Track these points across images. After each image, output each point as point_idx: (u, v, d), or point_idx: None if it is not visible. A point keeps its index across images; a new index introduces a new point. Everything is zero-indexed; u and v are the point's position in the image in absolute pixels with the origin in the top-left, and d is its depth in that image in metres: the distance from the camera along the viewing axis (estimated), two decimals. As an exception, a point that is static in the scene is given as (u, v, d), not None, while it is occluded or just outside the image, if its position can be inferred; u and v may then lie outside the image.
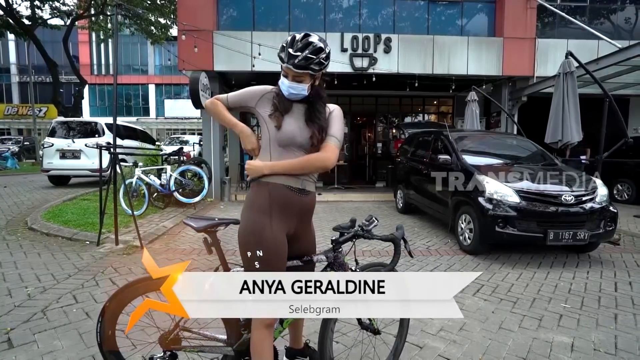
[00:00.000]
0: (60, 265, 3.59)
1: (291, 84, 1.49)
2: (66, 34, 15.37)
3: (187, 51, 7.79)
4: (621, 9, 9.55)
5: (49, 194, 7.55)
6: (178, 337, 1.64)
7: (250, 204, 1.51)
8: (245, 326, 1.61)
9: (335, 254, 1.61)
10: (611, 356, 2.20)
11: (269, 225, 1.46)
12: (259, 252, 1.43)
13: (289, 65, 1.46)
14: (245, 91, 1.60)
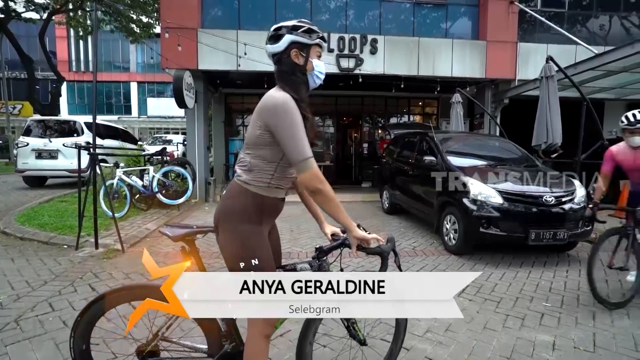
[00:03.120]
0: (35, 271, 3.45)
1: (321, 64, 1.43)
2: (42, 29, 14.81)
3: (171, 49, 7.63)
4: (596, 17, 9.88)
5: (24, 196, 7.26)
6: (157, 347, 1.58)
7: (236, 214, 1.40)
8: (225, 336, 1.57)
9: (320, 263, 1.55)
10: (590, 353, 2.26)
11: (259, 234, 1.43)
12: (254, 261, 1.38)
13: (323, 41, 1.43)
14: (300, 127, 1.32)
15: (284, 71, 1.40)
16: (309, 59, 1.40)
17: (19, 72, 26.49)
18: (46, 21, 14.99)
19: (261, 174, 1.40)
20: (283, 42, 1.38)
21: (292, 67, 1.40)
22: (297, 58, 1.40)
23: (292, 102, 1.33)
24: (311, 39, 1.39)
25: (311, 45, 1.40)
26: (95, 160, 4.23)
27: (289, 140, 1.30)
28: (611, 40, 9.66)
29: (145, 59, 30.72)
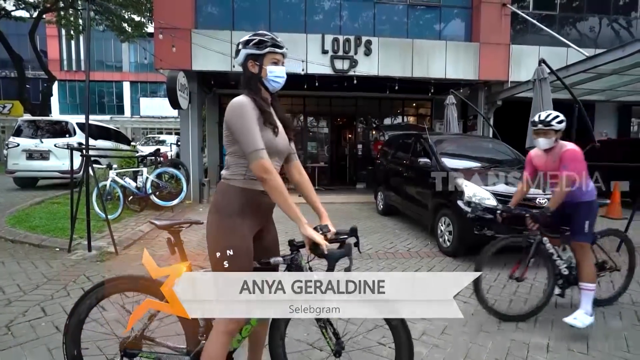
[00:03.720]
0: (27, 274, 3.40)
1: (282, 70, 1.58)
2: (32, 28, 14.60)
3: (164, 50, 7.57)
4: (586, 19, 10.02)
5: (15, 197, 7.15)
6: (139, 343, 1.66)
7: (220, 208, 1.52)
8: (204, 333, 1.62)
9: (292, 256, 1.58)
10: (583, 355, 2.29)
11: (240, 226, 1.50)
12: (229, 252, 1.46)
13: (282, 50, 1.57)
14: (250, 122, 1.46)
15: (244, 80, 1.58)
16: (263, 67, 1.55)
17: (9, 71, 26.09)
18: (36, 20, 14.78)
19: (236, 168, 1.54)
20: (240, 56, 1.56)
21: (249, 76, 1.57)
22: (253, 68, 1.56)
23: (248, 102, 1.48)
24: (261, 50, 1.53)
25: (263, 55, 1.54)
26: (88, 162, 4.16)
27: (240, 134, 1.45)
28: (601, 42, 9.82)
29: (138, 59, 30.46)
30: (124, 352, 1.65)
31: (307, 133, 11.72)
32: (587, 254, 2.60)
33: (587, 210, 2.57)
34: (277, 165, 1.59)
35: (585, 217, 2.56)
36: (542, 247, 2.71)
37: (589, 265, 2.59)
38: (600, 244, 2.89)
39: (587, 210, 2.57)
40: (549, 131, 2.55)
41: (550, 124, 2.54)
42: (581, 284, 2.57)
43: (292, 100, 11.29)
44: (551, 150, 2.63)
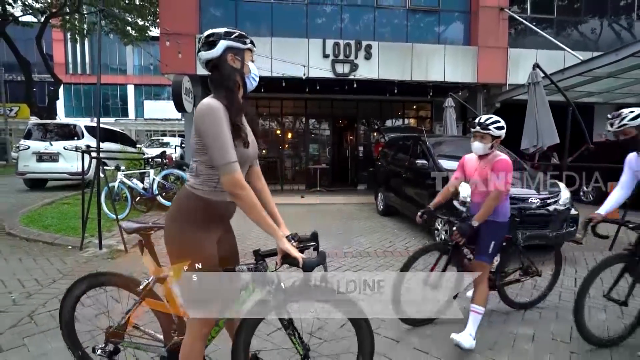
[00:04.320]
0: (43, 270, 3.59)
1: (255, 67, 1.50)
2: (39, 33, 14.91)
3: (170, 55, 7.79)
4: (585, 22, 10.15)
5: (26, 198, 7.37)
6: (123, 332, 1.78)
7: (184, 218, 1.44)
8: (176, 330, 1.70)
9: (257, 265, 1.50)
10: (566, 344, 2.45)
11: (206, 239, 1.46)
12: (197, 265, 1.42)
13: (253, 45, 1.49)
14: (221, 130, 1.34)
15: (221, 76, 1.43)
16: (245, 63, 1.46)
17: (15, 74, 26.50)
18: (43, 24, 15.09)
19: (208, 177, 1.43)
20: (218, 47, 1.41)
21: (230, 71, 1.43)
22: (234, 62, 1.44)
23: (218, 107, 1.35)
24: (244, 45, 1.45)
25: (244, 49, 1.46)
26: (99, 164, 4.36)
27: (212, 144, 1.33)
28: (602, 44, 9.94)
29: (142, 62, 30.81)
30: (108, 341, 1.78)
31: (308, 135, 11.90)
32: (484, 275, 2.46)
33: (496, 231, 2.46)
34: (246, 169, 1.55)
35: (493, 237, 2.45)
36: (459, 252, 2.61)
37: (483, 287, 2.45)
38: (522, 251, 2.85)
39: (496, 231, 2.46)
40: (486, 135, 2.45)
41: (487, 128, 2.43)
42: (472, 306, 2.41)
43: (294, 102, 11.48)
44: (484, 157, 2.53)
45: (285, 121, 11.98)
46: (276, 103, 11.48)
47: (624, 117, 2.28)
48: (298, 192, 9.86)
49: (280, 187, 10.22)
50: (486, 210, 2.37)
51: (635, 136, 2.27)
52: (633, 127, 2.26)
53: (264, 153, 11.85)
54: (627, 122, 2.27)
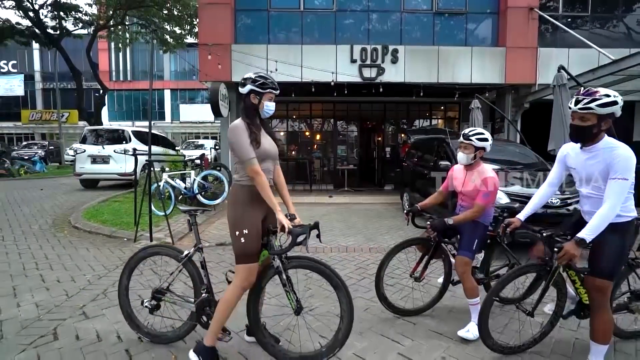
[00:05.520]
0: (107, 257, 4.18)
1: (273, 105, 2.17)
2: (89, 44, 16.23)
3: (208, 64, 8.40)
4: (621, 18, 9.79)
5: (83, 196, 8.24)
6: (165, 291, 2.39)
7: (236, 201, 2.10)
8: (204, 288, 2.27)
9: (268, 238, 2.15)
10: (565, 329, 2.64)
11: (250, 214, 2.08)
12: (245, 231, 2.03)
13: (277, 92, 2.14)
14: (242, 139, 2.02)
15: (245, 107, 2.12)
16: (262, 101, 2.10)
17: (66, 83, 28.80)
18: (93, 36, 16.41)
19: (243, 172, 2.08)
20: (246, 88, 2.09)
21: (250, 105, 2.10)
22: (254, 100, 2.09)
23: (241, 124, 2.04)
24: (264, 90, 2.07)
25: (264, 93, 2.08)
26: (151, 166, 4.93)
27: (236, 148, 2.03)
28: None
29: (178, 67, 32.42)
30: (153, 298, 2.37)
31: (336, 137, 12.25)
32: (468, 270, 2.61)
33: (478, 229, 2.65)
34: (272, 165, 2.20)
35: (475, 234, 2.63)
36: (441, 249, 2.85)
37: (469, 280, 2.60)
38: None
39: (478, 229, 2.65)
40: (469, 145, 2.63)
41: (469, 139, 2.62)
42: (468, 301, 2.61)
43: (323, 105, 11.87)
44: (471, 169, 2.72)
45: (314, 123, 12.39)
46: (305, 106, 11.91)
47: (593, 100, 1.87)
48: (326, 192, 10.23)
49: (310, 187, 10.62)
50: (465, 218, 2.61)
51: (590, 127, 1.92)
52: (595, 114, 1.89)
53: (294, 154, 12.33)
54: (594, 106, 1.87)
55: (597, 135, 1.95)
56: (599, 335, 2.06)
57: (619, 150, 1.89)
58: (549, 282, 2.21)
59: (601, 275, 2.00)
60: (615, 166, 1.88)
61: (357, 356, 2.30)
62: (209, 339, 2.10)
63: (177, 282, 2.80)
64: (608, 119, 1.91)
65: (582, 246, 1.91)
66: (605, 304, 2.04)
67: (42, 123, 31.05)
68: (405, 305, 2.96)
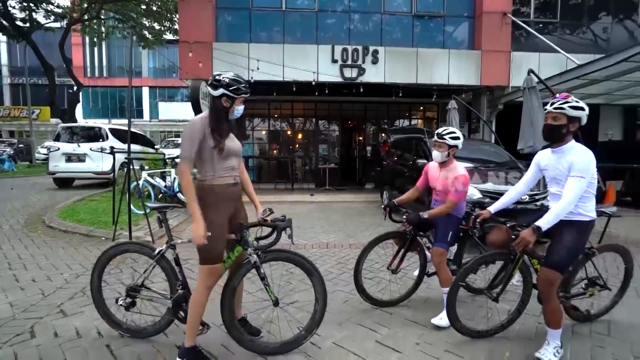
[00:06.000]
0: (84, 257, 4.11)
1: (242, 107, 2.12)
2: (62, 39, 15.65)
3: (189, 62, 8.32)
4: (588, 25, 10.31)
5: (57, 195, 7.99)
6: (140, 288, 2.38)
7: (202, 201, 2.01)
8: (180, 284, 2.28)
9: (242, 234, 2.14)
10: (536, 317, 2.82)
11: (214, 213, 2.03)
12: (208, 233, 1.97)
13: (246, 94, 2.08)
14: (190, 140, 1.97)
15: (214, 107, 2.06)
16: (233, 105, 2.05)
17: (37, 78, 27.64)
18: (66, 30, 15.82)
19: (205, 170, 2.05)
20: (218, 91, 2.01)
21: (220, 107, 2.04)
22: (226, 103, 2.04)
23: (199, 124, 1.98)
24: (237, 95, 2.03)
25: (236, 98, 2.04)
26: (130, 164, 4.87)
27: (182, 143, 2.00)
28: (610, 46, 10.05)
29: (157, 64, 31.70)
30: (128, 295, 2.36)
31: (318, 136, 12.34)
32: (443, 260, 2.75)
33: (452, 222, 2.80)
34: (236, 162, 2.15)
35: (449, 227, 2.79)
36: (416, 242, 2.99)
37: (444, 271, 2.75)
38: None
39: (452, 222, 2.80)
40: (443, 144, 2.78)
41: (443, 137, 2.77)
42: (443, 289, 2.73)
43: (304, 105, 11.94)
44: (445, 166, 2.87)
45: (295, 123, 12.45)
46: (287, 105, 11.95)
47: (567, 102, 2.11)
48: (308, 190, 10.30)
49: (291, 186, 10.67)
50: (439, 212, 2.74)
51: (561, 126, 2.13)
52: (566, 115, 2.11)
53: (275, 154, 12.34)
54: (566, 107, 2.10)
55: (565, 135, 2.15)
56: (551, 321, 2.25)
57: (580, 152, 2.11)
58: (512, 269, 2.39)
59: (552, 266, 2.18)
60: (575, 165, 2.08)
61: (336, 345, 2.39)
62: (189, 339, 2.11)
63: (157, 278, 2.82)
64: (576, 122, 2.13)
65: (537, 233, 2.08)
66: (552, 294, 2.21)
67: (11, 120, 29.66)
68: (382, 296, 3.08)
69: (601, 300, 2.87)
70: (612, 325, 2.74)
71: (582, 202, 2.16)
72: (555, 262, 2.17)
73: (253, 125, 12.36)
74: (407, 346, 2.39)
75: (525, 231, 2.11)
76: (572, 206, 2.08)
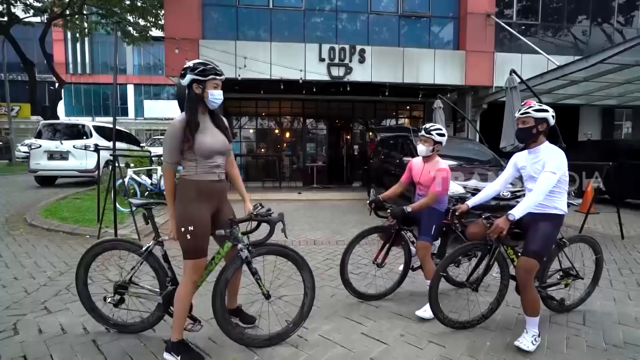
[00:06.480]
0: (68, 254, 4.05)
1: (220, 92, 2.04)
2: (43, 34, 15.25)
3: (175, 59, 8.23)
4: (568, 27, 10.62)
5: (39, 194, 7.81)
6: (128, 285, 2.34)
7: (182, 197, 2.04)
8: (170, 281, 2.28)
9: (231, 230, 2.13)
10: (508, 307, 2.93)
11: (197, 209, 2.02)
12: (190, 227, 1.98)
13: (221, 77, 2.04)
14: (171, 141, 1.98)
15: (187, 99, 2.00)
16: (206, 90, 1.99)
17: (16, 74, 26.81)
18: (46, 26, 15.42)
19: (188, 167, 2.04)
20: (187, 79, 1.98)
21: (193, 96, 1.99)
22: (197, 89, 1.98)
23: (177, 124, 1.96)
24: (205, 76, 1.96)
25: (206, 80, 1.97)
26: (115, 161, 4.81)
27: (163, 147, 2.04)
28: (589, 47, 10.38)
29: (142, 62, 31.15)
30: (116, 293, 2.32)
31: (306, 135, 12.37)
32: (428, 254, 2.85)
33: (435, 216, 2.88)
34: (221, 160, 2.12)
35: (433, 221, 2.86)
36: (401, 236, 3.06)
37: (429, 264, 2.84)
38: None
39: (435, 216, 2.88)
40: (429, 139, 2.88)
41: (430, 133, 2.87)
42: (427, 281, 2.79)
43: (292, 103, 11.95)
44: (428, 161, 2.97)
45: (283, 121, 12.44)
46: (275, 104, 11.94)
47: (531, 107, 2.33)
48: (296, 188, 10.33)
49: (279, 184, 10.68)
50: (422, 205, 2.82)
51: (530, 128, 2.32)
52: (532, 117, 2.31)
53: (263, 152, 12.31)
54: (531, 111, 2.31)
55: (537, 135, 2.35)
56: (528, 309, 2.37)
57: (553, 151, 2.32)
58: (490, 259, 2.51)
59: (530, 255, 2.31)
60: (547, 162, 2.28)
61: (323, 337, 2.44)
62: (175, 334, 2.10)
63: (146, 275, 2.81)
64: (543, 123, 2.33)
65: (510, 220, 2.23)
66: (530, 282, 2.33)
67: (-12, 117, 28.69)
68: (368, 290, 3.14)
69: (577, 291, 3.00)
70: (587, 314, 2.86)
71: (556, 197, 2.34)
72: (534, 251, 2.30)
73: (241, 124, 12.30)
74: (391, 338, 2.46)
75: (499, 219, 2.28)
76: (541, 198, 2.24)
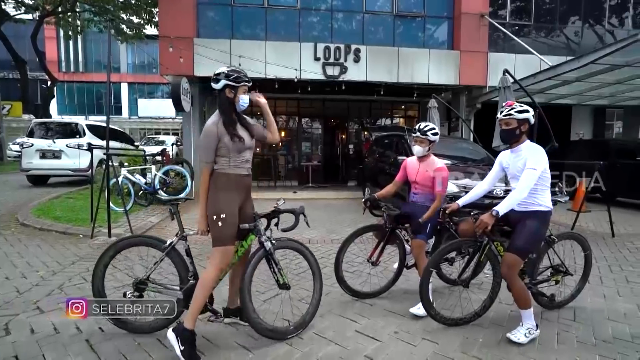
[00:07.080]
0: (61, 254, 4.02)
1: (247, 97, 2.25)
2: (34, 31, 15.06)
3: (169, 58, 8.18)
4: (560, 28, 10.73)
5: (31, 193, 7.73)
6: (146, 282, 2.35)
7: (216, 186, 2.19)
8: (192, 275, 2.34)
9: (255, 223, 2.31)
10: (507, 305, 2.96)
11: (228, 198, 2.19)
12: (222, 215, 2.14)
13: (247, 82, 2.24)
14: (208, 140, 2.16)
15: (220, 102, 2.21)
16: (237, 95, 2.20)
17: (6, 72, 26.47)
18: (38, 23, 15.23)
19: (222, 161, 2.21)
20: (220, 84, 2.17)
21: (225, 100, 2.20)
22: (230, 94, 2.19)
23: (212, 126, 2.14)
24: (238, 83, 2.17)
25: (238, 86, 2.19)
26: (109, 160, 4.78)
27: (200, 149, 2.23)
28: (582, 48, 10.49)
29: (136, 60, 30.90)
30: (135, 289, 2.33)
31: (301, 134, 12.36)
32: (423, 252, 2.89)
33: (433, 216, 2.85)
34: (250, 154, 2.32)
35: (430, 221, 2.86)
36: (395, 235, 3.08)
37: (423, 261, 2.86)
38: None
39: (433, 216, 2.85)
40: (424, 140, 2.90)
41: (425, 134, 2.89)
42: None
43: (287, 102, 11.94)
44: (424, 160, 2.98)
45: (278, 120, 12.41)
46: (270, 103, 11.66)
47: (513, 108, 2.39)
48: (291, 187, 10.34)
49: (274, 183, 10.67)
50: (434, 210, 2.83)
51: (514, 129, 2.39)
52: (515, 119, 2.38)
53: (258, 151, 12.28)
54: (513, 113, 2.38)
55: (520, 136, 2.43)
56: (520, 302, 2.44)
57: (533, 149, 2.40)
58: (481, 255, 2.55)
59: (514, 251, 2.37)
60: (529, 159, 2.34)
61: (317, 335, 2.45)
62: (189, 321, 2.12)
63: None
64: (525, 123, 2.42)
65: (494, 216, 2.27)
66: (514, 276, 2.39)
67: (-20, 116, 28.27)
68: (363, 288, 3.16)
69: (567, 288, 3.04)
70: (578, 311, 2.91)
71: (539, 194, 2.40)
72: (518, 247, 2.36)
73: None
74: (385, 335, 2.48)
75: (484, 215, 2.32)
76: (524, 193, 2.29)
